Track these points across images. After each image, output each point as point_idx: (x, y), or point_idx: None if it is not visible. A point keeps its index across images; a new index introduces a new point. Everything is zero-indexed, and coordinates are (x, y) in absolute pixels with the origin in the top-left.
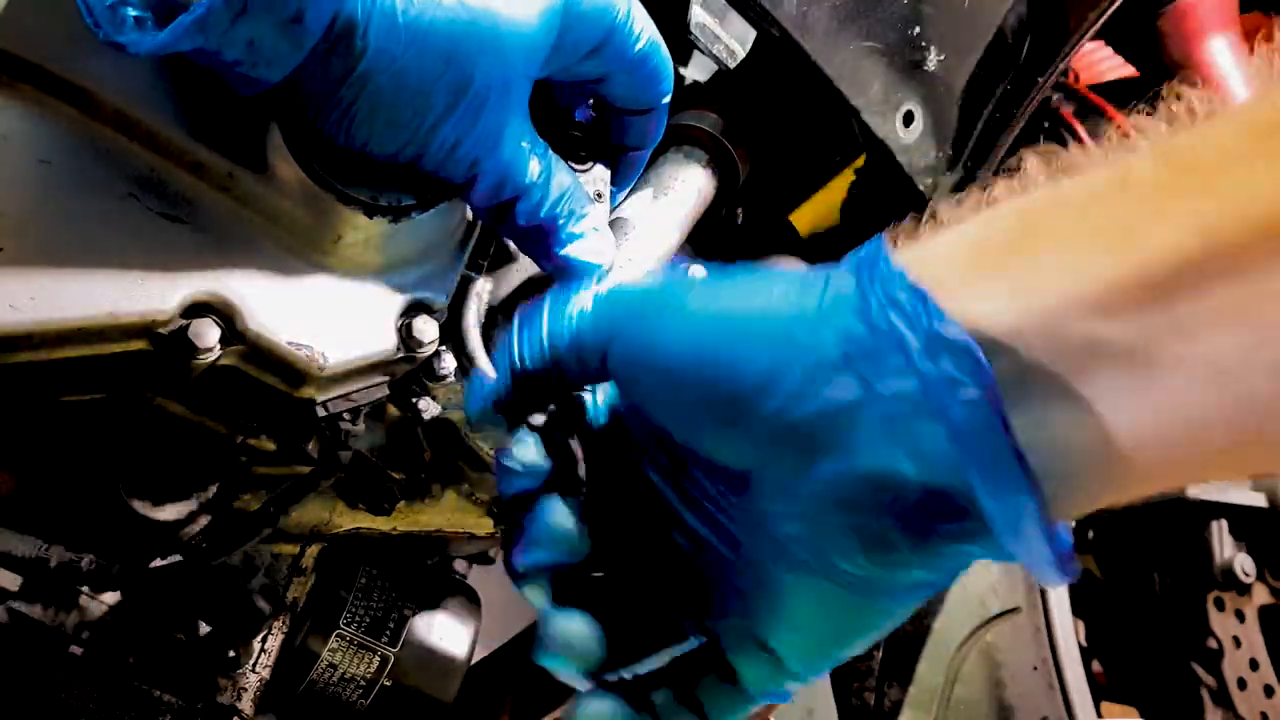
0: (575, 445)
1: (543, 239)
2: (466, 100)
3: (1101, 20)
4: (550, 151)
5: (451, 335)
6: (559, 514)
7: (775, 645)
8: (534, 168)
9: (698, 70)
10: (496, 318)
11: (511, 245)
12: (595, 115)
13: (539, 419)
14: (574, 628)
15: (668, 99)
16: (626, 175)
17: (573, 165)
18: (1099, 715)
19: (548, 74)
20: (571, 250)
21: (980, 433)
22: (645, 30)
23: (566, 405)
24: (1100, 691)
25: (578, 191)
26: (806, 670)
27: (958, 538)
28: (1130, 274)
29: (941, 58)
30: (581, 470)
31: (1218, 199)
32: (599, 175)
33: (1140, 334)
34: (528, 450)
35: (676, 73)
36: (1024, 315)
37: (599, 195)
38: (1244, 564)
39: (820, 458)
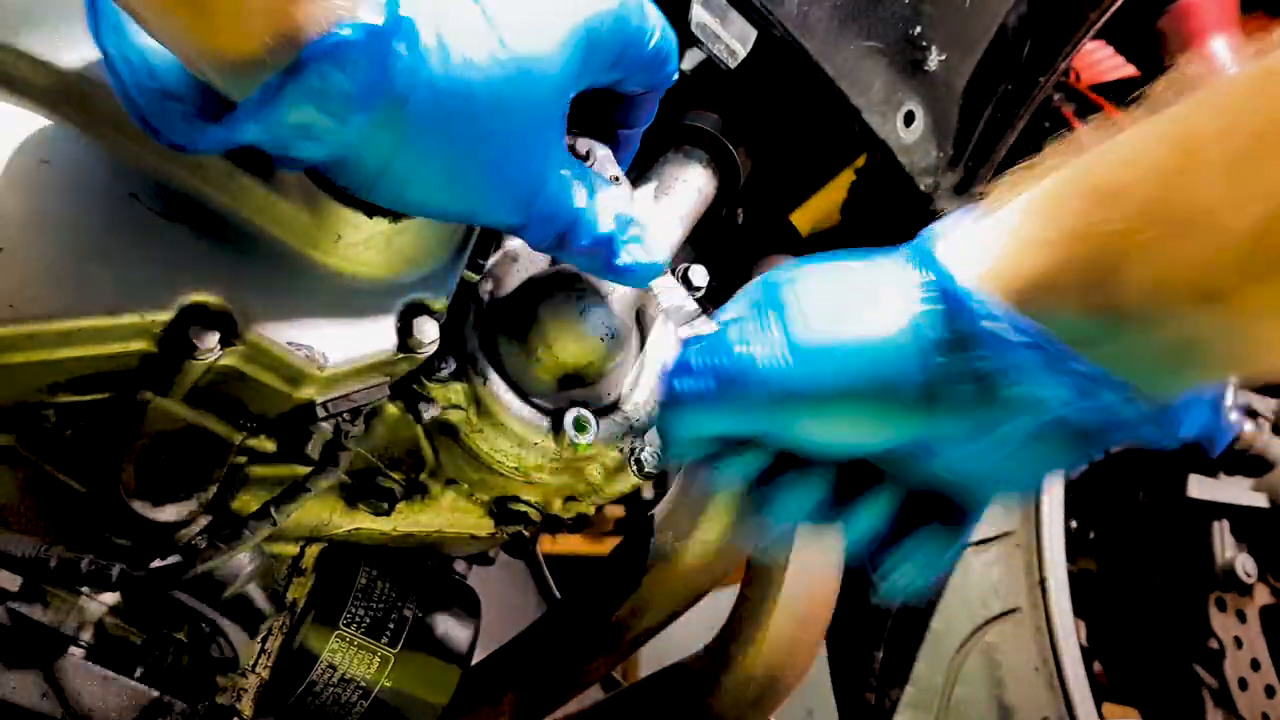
0: None
1: (600, 255)
2: (510, 151)
3: (1102, 20)
4: (587, 168)
5: (451, 336)
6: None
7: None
8: (580, 194)
9: (685, 62)
10: (496, 318)
11: (512, 245)
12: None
13: None
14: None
15: (675, 78)
16: (624, 154)
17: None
18: (1100, 716)
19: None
20: (628, 257)
21: (1150, 423)
22: (655, 23)
23: None
24: (1101, 692)
25: (621, 199)
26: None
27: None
28: (1221, 258)
29: (943, 57)
30: None
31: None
32: (606, 157)
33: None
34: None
35: None
36: (1144, 300)
37: (616, 179)
38: (1245, 564)
39: (1001, 427)
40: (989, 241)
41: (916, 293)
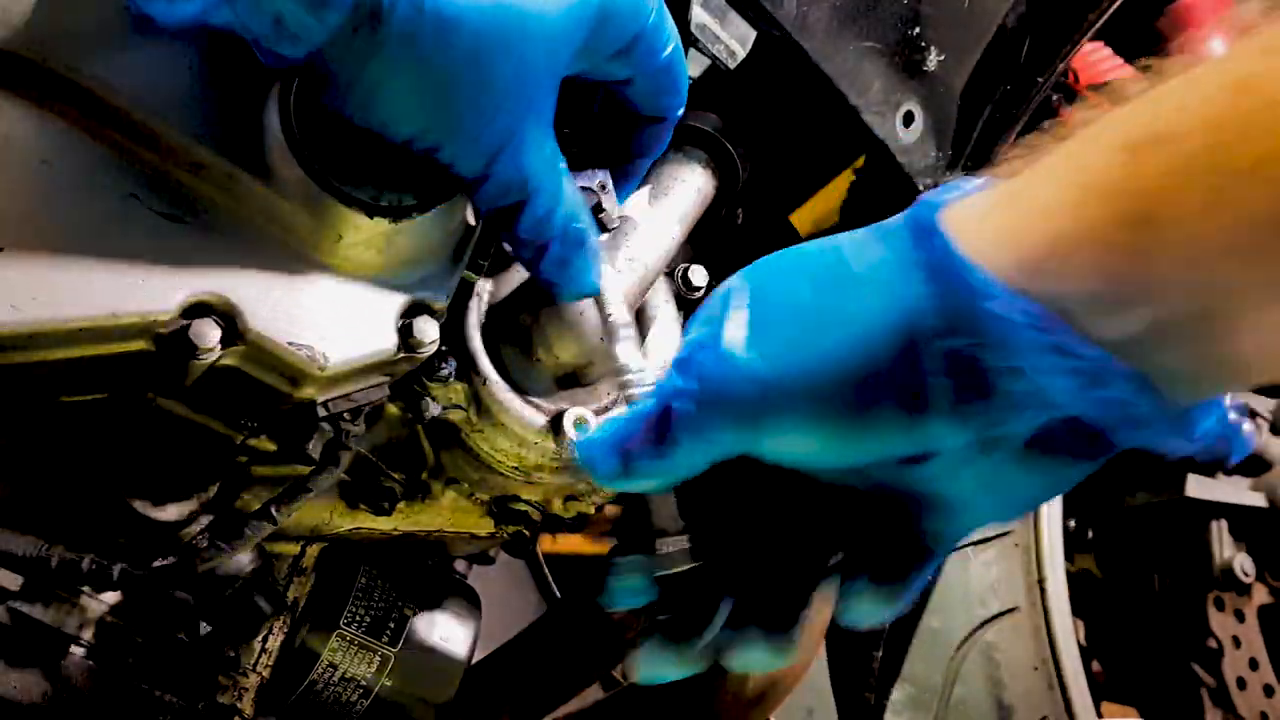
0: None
1: (538, 251)
2: (488, 95)
3: (1101, 21)
4: (565, 166)
5: (451, 335)
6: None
7: (955, 535)
8: (546, 178)
9: (690, 66)
10: (496, 318)
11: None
12: (602, 119)
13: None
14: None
15: (681, 111)
16: (627, 183)
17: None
18: (1099, 715)
19: (576, 71)
20: (562, 271)
21: (1164, 421)
22: (673, 38)
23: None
24: (1100, 691)
25: (582, 210)
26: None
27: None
28: (1236, 231)
29: (941, 58)
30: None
31: None
32: (611, 194)
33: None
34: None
35: None
36: (1168, 271)
37: (608, 214)
38: (1244, 564)
39: (991, 442)
40: (997, 209)
41: (908, 270)
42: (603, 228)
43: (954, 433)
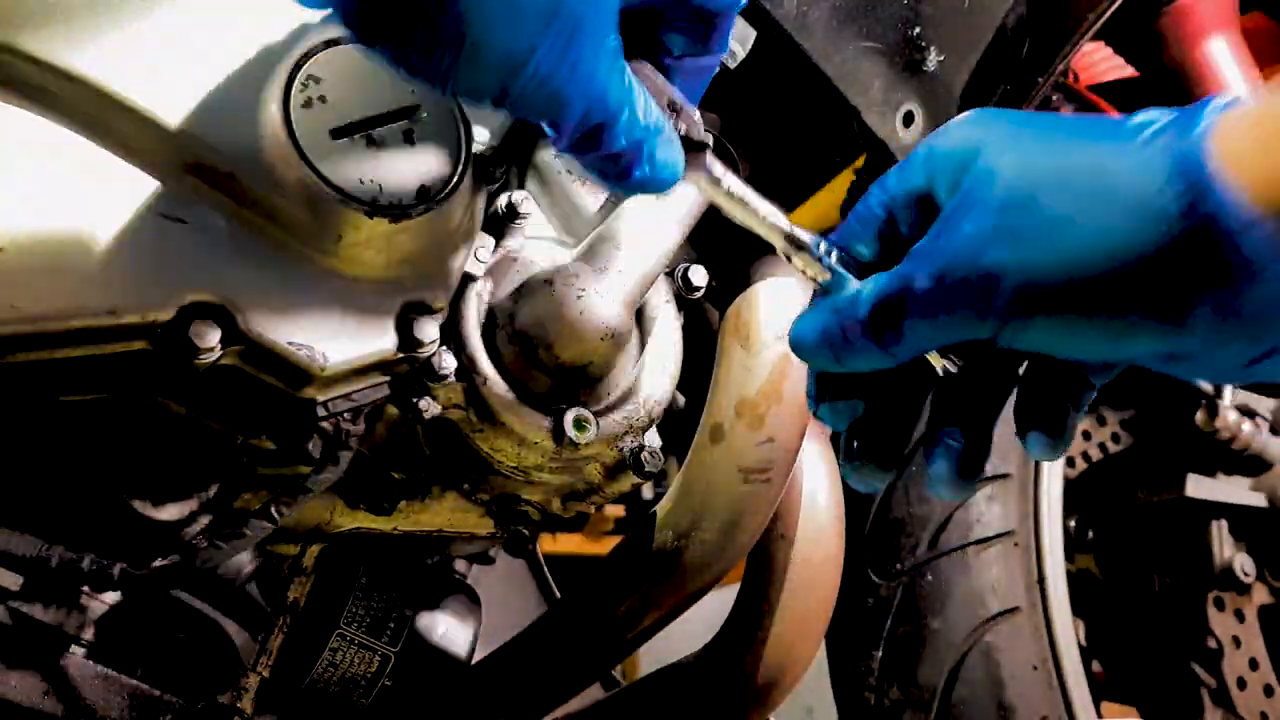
0: None
1: (626, 161)
2: (559, 22)
3: (1101, 20)
4: (629, 70)
5: (451, 335)
6: None
7: None
8: (625, 93)
9: None
10: (496, 318)
11: (512, 245)
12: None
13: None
14: None
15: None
16: (697, 84)
17: None
18: (1099, 715)
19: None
20: (650, 168)
21: None
22: None
23: None
24: (1100, 691)
25: (652, 105)
26: None
27: None
28: None
29: (941, 58)
30: None
31: None
32: (666, 96)
33: None
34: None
35: None
36: None
37: (686, 124)
38: (1244, 564)
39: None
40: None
41: (1173, 210)
42: (701, 146)
43: (1212, 346)
